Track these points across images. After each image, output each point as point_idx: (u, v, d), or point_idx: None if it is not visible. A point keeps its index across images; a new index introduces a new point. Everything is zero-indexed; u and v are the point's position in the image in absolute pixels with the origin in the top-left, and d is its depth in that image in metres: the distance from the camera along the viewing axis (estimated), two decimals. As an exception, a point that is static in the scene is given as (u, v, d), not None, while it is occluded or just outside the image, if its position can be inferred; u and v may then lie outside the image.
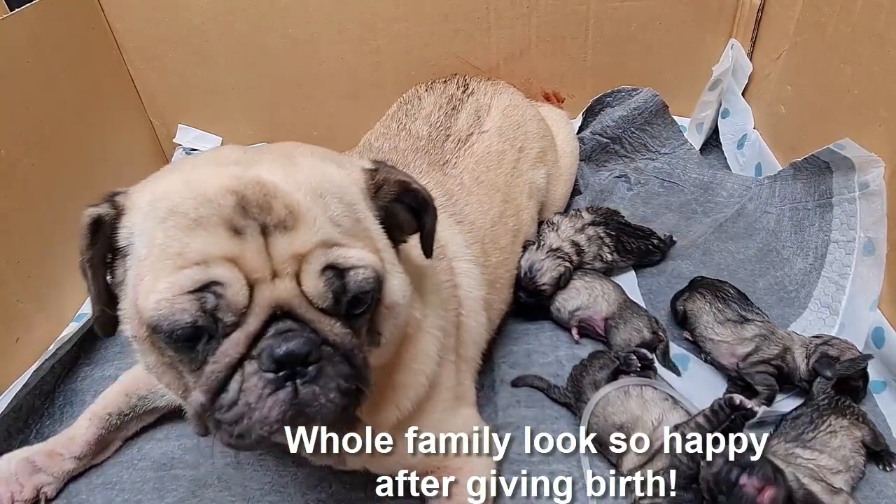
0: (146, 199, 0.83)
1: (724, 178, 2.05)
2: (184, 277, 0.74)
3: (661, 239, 1.78)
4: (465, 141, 1.58)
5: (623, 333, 1.48)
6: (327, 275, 0.78)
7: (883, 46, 1.45)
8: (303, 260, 0.77)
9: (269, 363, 0.76)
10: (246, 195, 0.78)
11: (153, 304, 0.75)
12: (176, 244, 0.76)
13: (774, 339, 1.40)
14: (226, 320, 0.76)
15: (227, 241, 0.76)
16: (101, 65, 2.03)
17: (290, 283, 0.77)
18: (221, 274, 0.75)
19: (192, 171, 0.84)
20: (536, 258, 1.59)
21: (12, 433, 1.37)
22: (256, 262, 0.76)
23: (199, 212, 0.77)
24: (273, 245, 0.77)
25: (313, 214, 0.79)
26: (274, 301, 0.77)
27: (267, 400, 0.77)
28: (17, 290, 1.53)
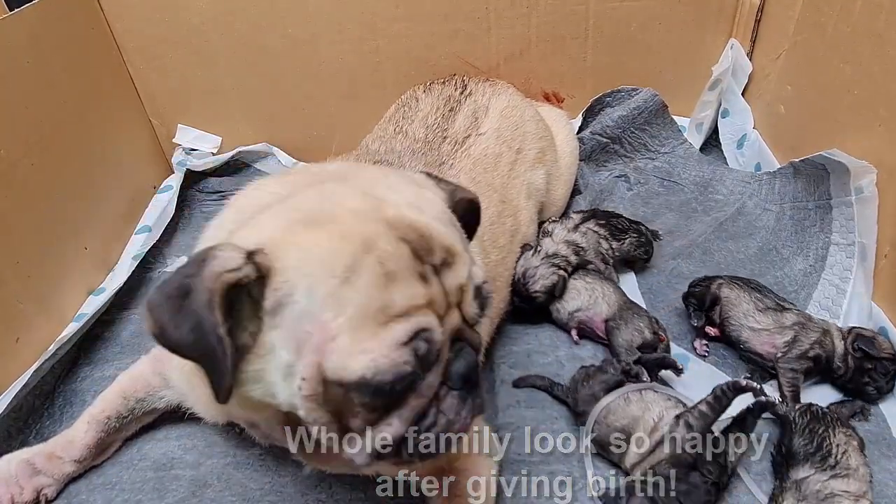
0: (304, 257, 0.80)
1: (724, 173, 2.06)
2: (395, 331, 0.78)
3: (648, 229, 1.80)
4: (462, 143, 1.58)
5: (624, 334, 1.47)
6: (479, 298, 0.91)
7: (883, 46, 1.45)
8: (463, 290, 0.88)
9: (459, 382, 0.87)
10: (412, 241, 0.83)
11: (368, 363, 0.77)
12: (373, 302, 0.78)
13: (812, 326, 1.41)
14: (431, 359, 0.83)
15: (420, 289, 0.81)
16: (101, 65, 2.03)
17: (457, 311, 0.88)
18: (425, 321, 0.81)
19: (334, 222, 0.82)
20: (531, 264, 1.59)
21: (12, 433, 1.37)
22: (441, 301, 0.84)
23: (385, 266, 0.79)
24: (445, 282, 0.85)
25: (459, 246, 0.88)
26: (454, 330, 0.87)
27: (462, 413, 0.88)
28: (17, 291, 1.53)
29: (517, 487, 1.23)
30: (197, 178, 2.26)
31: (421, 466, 0.93)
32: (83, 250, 1.80)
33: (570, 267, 1.63)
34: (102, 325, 1.68)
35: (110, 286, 1.77)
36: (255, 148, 2.29)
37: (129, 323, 1.69)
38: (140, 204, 2.12)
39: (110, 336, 1.67)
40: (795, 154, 1.83)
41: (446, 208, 0.95)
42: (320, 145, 2.26)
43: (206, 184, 2.26)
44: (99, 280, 1.84)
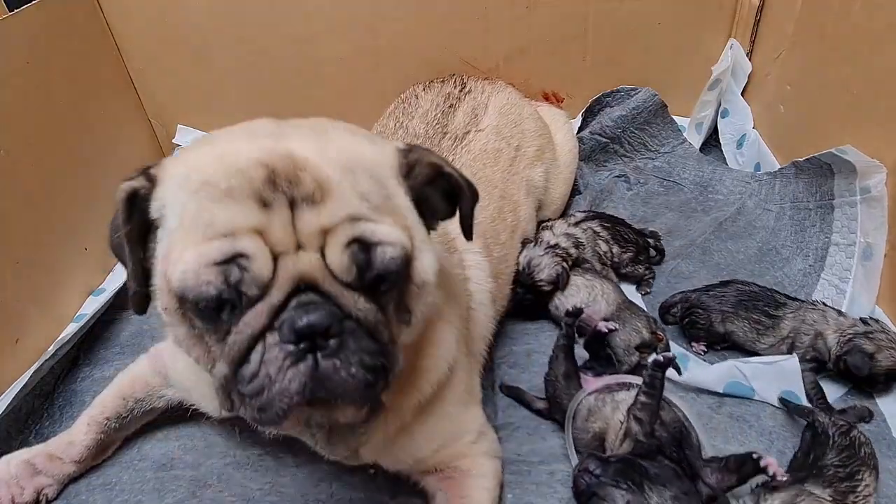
0: (180, 170, 0.82)
1: (724, 173, 2.06)
2: (211, 248, 0.75)
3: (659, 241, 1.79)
4: (461, 139, 1.58)
5: (622, 334, 1.47)
6: (353, 249, 0.78)
7: (882, 46, 1.45)
8: (329, 234, 0.77)
9: (290, 335, 0.76)
10: (276, 168, 0.78)
11: (180, 275, 0.75)
12: (206, 215, 0.77)
13: (805, 329, 1.40)
14: (249, 293, 0.77)
15: (254, 212, 0.76)
16: (101, 65, 2.03)
17: (315, 256, 0.77)
18: (247, 246, 0.75)
19: (225, 144, 0.84)
20: (535, 254, 1.60)
21: (12, 434, 1.37)
22: (282, 235, 0.76)
23: (229, 183, 0.77)
24: (300, 218, 0.77)
25: (342, 188, 0.79)
26: (297, 274, 0.77)
27: (287, 372, 0.77)
28: (16, 291, 1.53)
29: (517, 488, 1.23)
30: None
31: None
32: (83, 251, 1.80)
33: (570, 259, 1.63)
34: (102, 326, 1.68)
35: (110, 286, 1.77)
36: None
37: (129, 323, 1.69)
38: (140, 204, 2.12)
39: (110, 336, 1.67)
40: (795, 153, 1.83)
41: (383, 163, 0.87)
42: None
43: (206, 184, 2.26)
44: (99, 280, 1.84)
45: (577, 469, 1.10)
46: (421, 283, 0.88)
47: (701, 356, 1.50)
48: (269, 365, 0.77)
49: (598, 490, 1.04)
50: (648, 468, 1.07)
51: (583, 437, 1.26)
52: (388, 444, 1.09)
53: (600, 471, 1.05)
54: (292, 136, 0.84)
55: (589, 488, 1.06)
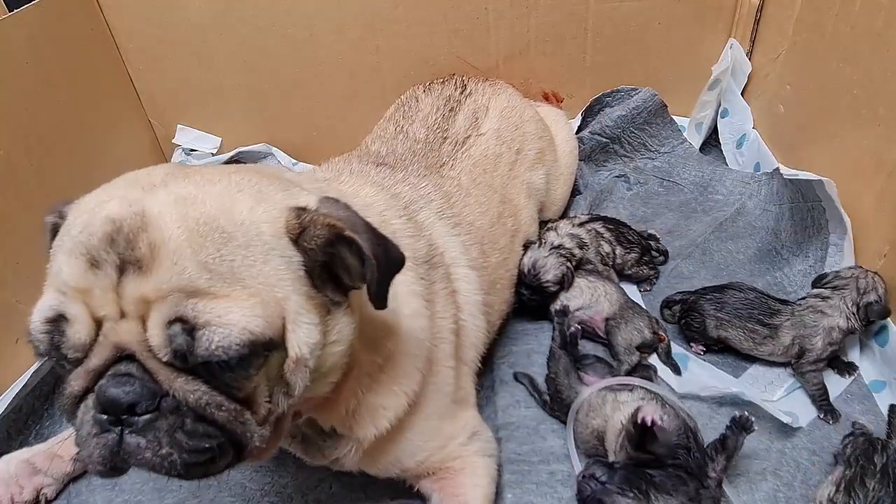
0: (71, 213, 0.82)
1: (724, 174, 2.05)
2: (46, 304, 0.75)
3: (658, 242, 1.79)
4: (462, 143, 1.57)
5: (624, 333, 1.48)
6: (173, 329, 0.72)
7: (882, 46, 1.45)
8: (151, 306, 0.73)
9: (98, 405, 0.74)
10: (122, 226, 0.74)
11: (29, 323, 0.77)
12: (55, 266, 0.76)
13: (809, 332, 1.40)
14: (69, 356, 0.76)
15: (82, 273, 0.73)
16: (101, 65, 2.02)
17: (136, 327, 0.73)
18: (69, 308, 0.74)
19: (110, 190, 0.82)
20: (539, 255, 1.60)
21: (12, 434, 1.37)
22: (102, 300, 0.73)
23: (77, 237, 0.75)
24: (125, 284, 0.73)
25: (176, 256, 0.72)
26: (115, 343, 0.74)
27: (93, 440, 0.75)
28: (16, 291, 1.53)
29: (517, 487, 1.23)
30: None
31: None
32: (83, 251, 1.79)
33: (575, 260, 1.63)
34: (102, 326, 1.68)
35: (110, 286, 1.77)
36: (255, 148, 2.29)
37: (129, 323, 1.69)
38: (140, 204, 2.11)
39: (110, 336, 1.66)
40: (795, 153, 1.83)
41: (252, 224, 0.78)
42: (320, 145, 2.26)
43: (206, 184, 2.25)
44: (99, 280, 1.84)
45: (581, 475, 1.09)
46: (296, 359, 0.80)
47: (700, 356, 1.50)
48: (84, 427, 0.76)
49: (604, 497, 1.05)
50: (654, 475, 1.07)
51: (581, 432, 1.26)
52: (366, 458, 1.09)
53: (606, 478, 1.05)
54: (166, 188, 0.79)
55: (594, 495, 1.06)
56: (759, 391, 1.41)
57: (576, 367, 1.37)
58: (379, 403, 1.04)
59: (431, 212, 1.30)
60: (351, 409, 1.02)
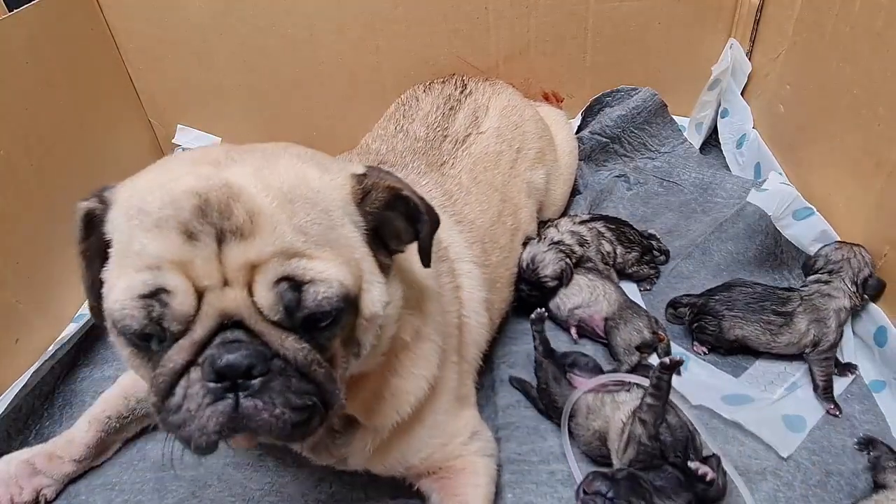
0: (126, 195, 0.82)
1: (724, 178, 2.05)
2: (135, 281, 0.74)
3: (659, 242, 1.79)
4: (462, 142, 1.58)
5: (623, 333, 1.47)
6: (281, 287, 0.75)
7: (882, 45, 1.45)
8: (256, 270, 0.74)
9: (211, 373, 0.75)
10: (209, 198, 0.75)
11: (110, 304, 0.76)
12: (136, 244, 0.75)
13: (822, 315, 1.41)
14: (171, 328, 0.75)
15: (178, 245, 0.74)
16: (101, 65, 2.03)
17: (241, 292, 0.75)
18: (169, 280, 0.73)
19: (170, 170, 0.82)
20: (538, 250, 1.59)
21: (12, 434, 1.37)
22: (205, 270, 0.74)
23: (161, 212, 0.75)
24: (227, 252, 0.74)
25: (275, 221, 0.76)
26: (221, 310, 0.75)
27: (206, 410, 0.76)
28: (16, 291, 1.53)
29: (517, 487, 1.23)
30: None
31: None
32: (83, 251, 1.79)
33: (574, 256, 1.63)
34: (102, 326, 1.68)
35: (110, 286, 1.77)
36: (255, 148, 2.29)
37: (129, 323, 1.69)
38: (140, 204, 2.11)
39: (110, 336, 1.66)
40: (795, 153, 1.83)
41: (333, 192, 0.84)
42: (320, 145, 2.21)
43: (206, 184, 2.26)
44: (99, 280, 1.84)
45: (583, 489, 1.08)
46: (370, 317, 0.85)
47: (702, 357, 1.50)
48: (191, 400, 0.76)
49: None
50: (654, 480, 1.07)
51: (583, 435, 1.26)
52: (374, 454, 1.09)
53: (612, 493, 1.05)
54: (237, 163, 0.81)
55: None
56: (759, 390, 1.41)
57: (563, 371, 1.37)
58: (402, 387, 1.05)
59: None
60: (377, 392, 1.03)
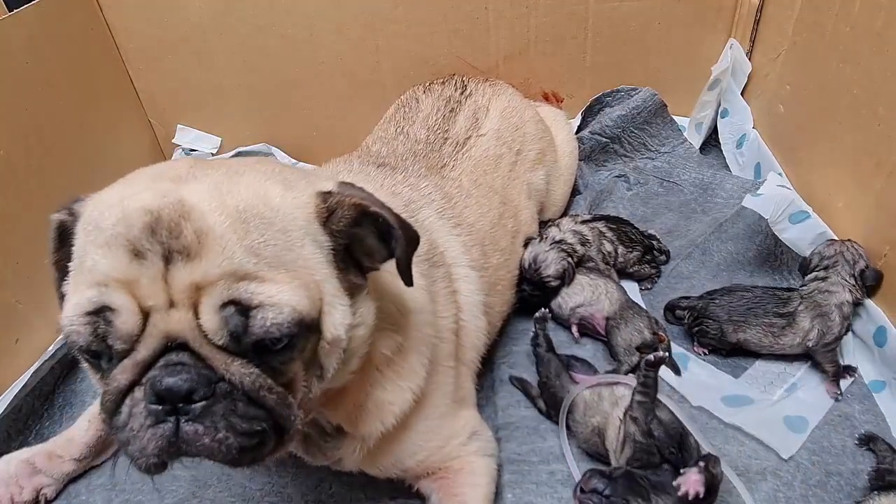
0: (88, 209, 0.81)
1: (724, 179, 2.05)
2: (83, 298, 0.74)
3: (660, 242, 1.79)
4: (462, 144, 1.57)
5: (624, 333, 1.47)
6: (227, 311, 0.73)
7: (882, 46, 1.45)
8: (202, 291, 0.73)
9: (152, 395, 0.74)
10: (161, 216, 0.74)
11: (63, 319, 0.75)
12: (88, 261, 0.76)
13: (825, 310, 1.41)
14: (116, 347, 0.75)
15: (126, 264, 0.73)
16: (100, 65, 2.03)
17: (187, 314, 0.74)
18: (115, 299, 0.73)
19: (132, 184, 0.82)
20: (540, 249, 1.59)
21: (12, 434, 1.37)
22: (151, 290, 0.73)
23: (113, 229, 0.74)
24: (173, 273, 0.73)
25: (224, 241, 0.74)
26: (166, 332, 0.74)
27: (147, 431, 0.75)
28: (16, 291, 1.53)
29: (517, 487, 1.23)
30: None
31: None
32: (83, 251, 1.79)
33: (576, 256, 1.63)
34: (102, 326, 1.68)
35: (110, 286, 1.77)
36: (255, 148, 2.29)
37: (129, 323, 1.69)
38: (140, 204, 2.11)
39: (110, 336, 1.67)
40: (795, 153, 1.83)
41: (287, 209, 0.80)
42: (320, 145, 2.26)
43: (206, 184, 2.26)
44: (98, 280, 1.84)
45: (580, 488, 1.08)
46: (332, 340, 0.83)
47: (702, 357, 1.50)
48: (135, 420, 0.76)
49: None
50: (650, 477, 1.07)
51: (582, 431, 1.26)
52: (367, 458, 1.09)
53: (609, 490, 1.05)
54: (197, 179, 0.80)
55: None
56: (758, 391, 1.41)
57: (566, 367, 1.37)
58: (386, 399, 1.04)
59: (432, 211, 1.30)
60: (359, 404, 1.02)
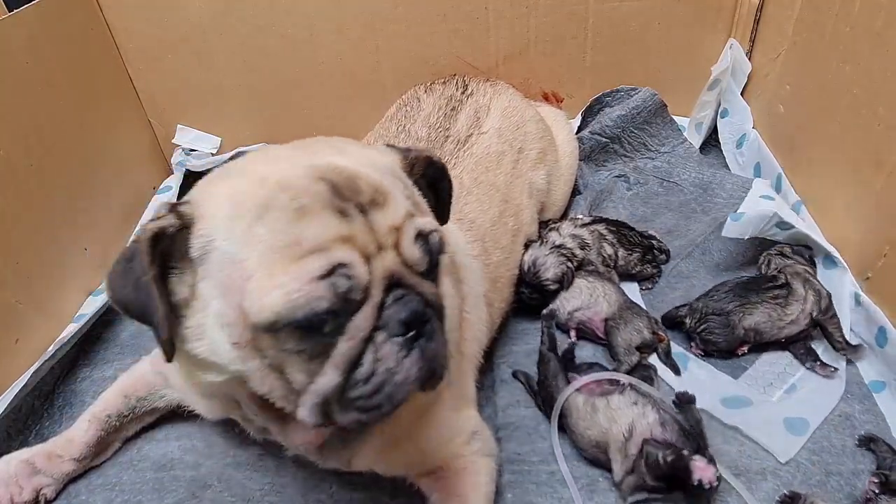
0: (222, 202, 0.82)
1: (724, 178, 2.05)
2: (309, 265, 0.75)
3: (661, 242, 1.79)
4: (464, 142, 1.58)
5: (623, 334, 1.47)
6: (420, 242, 0.84)
7: (882, 45, 1.45)
8: (399, 231, 0.83)
9: (400, 327, 0.81)
10: (333, 180, 0.81)
11: (281, 299, 0.75)
12: (284, 237, 0.77)
13: (803, 273, 1.51)
14: (356, 298, 0.79)
15: (337, 224, 0.78)
16: (100, 65, 2.03)
17: (394, 253, 0.83)
18: (344, 256, 0.77)
19: (257, 170, 0.84)
20: (540, 253, 1.60)
21: (12, 434, 1.37)
22: (366, 239, 0.80)
23: (299, 201, 0.78)
24: (374, 221, 0.81)
25: (394, 190, 0.85)
26: (388, 272, 0.82)
27: (404, 362, 0.82)
28: (16, 291, 1.53)
29: (517, 487, 1.23)
30: (196, 179, 2.24)
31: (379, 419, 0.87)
32: (83, 251, 1.79)
33: (576, 260, 1.63)
34: (102, 326, 1.68)
35: (110, 287, 1.77)
36: (255, 148, 2.29)
37: (129, 324, 1.69)
38: (139, 205, 2.12)
39: (110, 337, 1.67)
40: (795, 153, 1.83)
41: (395, 165, 0.95)
42: (320, 145, 2.26)
43: (206, 184, 2.26)
44: (98, 281, 1.84)
45: None
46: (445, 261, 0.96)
47: (702, 357, 1.50)
48: (387, 360, 0.81)
49: None
50: None
51: (578, 441, 1.27)
52: (381, 452, 1.09)
53: None
54: (318, 153, 0.87)
55: None
56: (758, 392, 1.41)
57: (564, 369, 1.37)
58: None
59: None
60: None
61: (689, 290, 1.67)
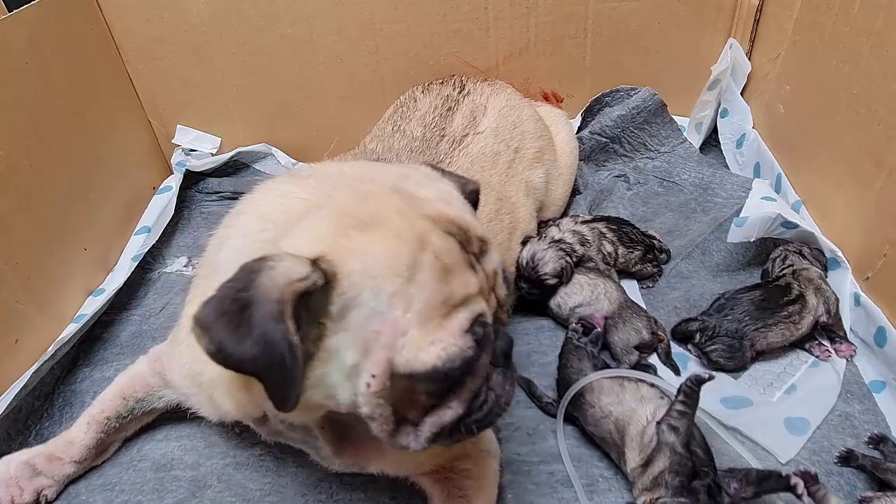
0: (364, 261, 0.80)
1: (724, 177, 2.05)
2: (459, 320, 0.83)
3: (661, 242, 1.79)
4: (459, 142, 1.58)
5: (621, 333, 1.47)
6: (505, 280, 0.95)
7: (882, 45, 1.45)
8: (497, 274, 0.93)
9: (503, 360, 0.93)
10: (454, 234, 0.87)
11: (441, 353, 0.81)
12: (437, 295, 0.82)
13: (815, 281, 1.50)
14: (487, 342, 0.88)
15: (473, 278, 0.87)
16: (100, 66, 2.02)
17: (493, 295, 0.93)
18: (480, 307, 0.86)
19: (384, 224, 0.84)
20: (539, 248, 1.60)
21: (12, 435, 1.37)
22: (487, 288, 0.90)
23: (443, 260, 0.83)
24: (485, 269, 0.90)
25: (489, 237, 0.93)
26: (494, 315, 0.91)
27: (506, 387, 0.94)
28: (16, 291, 1.53)
29: (517, 488, 1.23)
30: (196, 179, 2.26)
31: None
32: (82, 251, 1.79)
33: (575, 255, 1.63)
34: (102, 326, 1.68)
35: (109, 287, 1.77)
36: (255, 148, 2.29)
37: (129, 324, 1.69)
38: (139, 204, 2.12)
39: (109, 337, 1.67)
40: (794, 153, 1.83)
41: (462, 197, 1.00)
42: (319, 145, 2.26)
43: (206, 184, 2.26)
44: (98, 281, 1.84)
45: None
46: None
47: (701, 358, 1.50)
48: (496, 389, 0.92)
49: None
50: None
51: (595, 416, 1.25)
52: (394, 454, 1.08)
53: None
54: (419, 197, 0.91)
55: None
56: (758, 392, 1.41)
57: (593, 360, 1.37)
58: None
59: None
60: None
61: (689, 290, 1.67)
